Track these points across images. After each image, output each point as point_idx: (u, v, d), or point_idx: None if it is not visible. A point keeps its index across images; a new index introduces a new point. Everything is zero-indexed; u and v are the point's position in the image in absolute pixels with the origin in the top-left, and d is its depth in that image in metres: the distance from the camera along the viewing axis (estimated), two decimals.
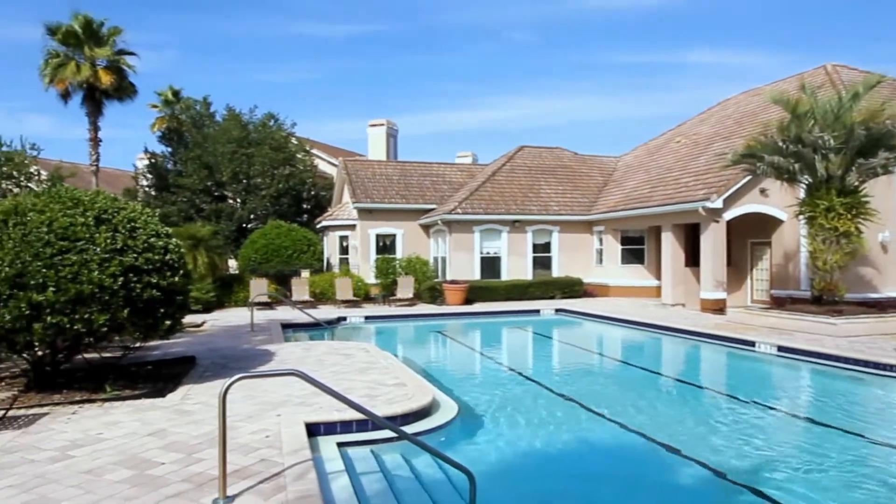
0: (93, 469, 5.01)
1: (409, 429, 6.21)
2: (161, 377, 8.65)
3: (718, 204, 17.32)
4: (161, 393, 7.70)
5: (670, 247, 19.59)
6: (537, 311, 19.79)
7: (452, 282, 21.55)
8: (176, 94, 31.76)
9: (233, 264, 28.34)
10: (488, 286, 22.07)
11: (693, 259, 19.40)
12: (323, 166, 34.67)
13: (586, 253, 24.28)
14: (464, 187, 26.16)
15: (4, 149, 25.48)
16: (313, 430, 6.13)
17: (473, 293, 21.47)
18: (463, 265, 22.78)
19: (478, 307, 20.50)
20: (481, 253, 23.12)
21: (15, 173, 25.20)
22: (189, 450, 5.46)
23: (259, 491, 4.48)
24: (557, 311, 19.74)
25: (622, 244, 23.10)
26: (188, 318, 12.38)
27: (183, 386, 8.14)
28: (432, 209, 25.06)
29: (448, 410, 7.36)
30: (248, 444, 5.60)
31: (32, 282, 6.71)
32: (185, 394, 7.70)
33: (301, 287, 20.70)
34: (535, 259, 23.72)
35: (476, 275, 22.80)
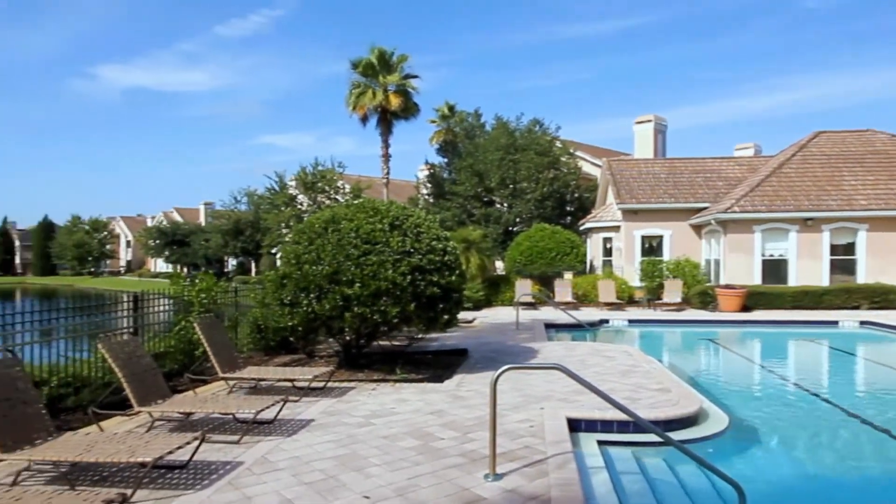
0: (388, 436, 5.97)
1: (673, 436, 5.99)
2: (439, 365, 9.74)
3: None
4: (440, 379, 8.70)
5: None
6: (835, 323, 16.98)
7: (727, 286, 19.73)
8: (451, 108, 35.03)
9: (499, 266, 30.15)
10: (771, 292, 19.66)
11: None
12: (587, 168, 34.72)
13: None
14: (743, 183, 23.72)
15: (320, 168, 31.27)
16: (574, 425, 6.33)
17: (752, 299, 19.36)
18: (740, 268, 20.68)
19: (757, 315, 18.43)
20: (763, 255, 20.71)
21: (327, 188, 30.69)
22: (463, 430, 6.13)
23: (524, 473, 4.85)
24: (862, 323, 16.67)
25: None
26: (461, 315, 13.67)
27: (457, 374, 9.07)
28: (704, 208, 23.27)
29: (717, 422, 6.89)
30: (514, 430, 6.05)
31: (344, 278, 8.21)
32: (459, 381, 8.58)
33: (564, 288, 21.10)
34: (832, 262, 20.38)
35: (756, 279, 20.50)
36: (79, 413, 6.66)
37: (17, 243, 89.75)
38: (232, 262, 58.68)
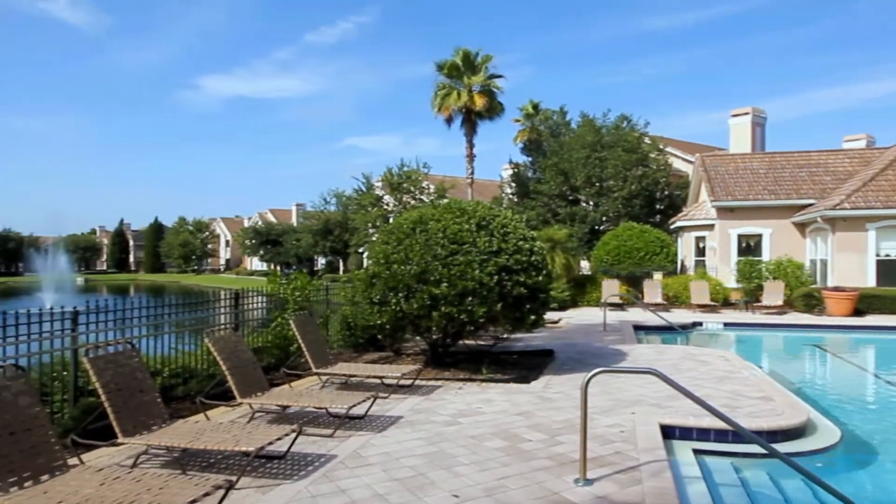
0: (476, 435, 5.99)
1: (778, 448, 5.64)
2: (525, 366, 9.66)
3: None
4: (525, 380, 8.63)
5: None
6: None
7: (836, 288, 18.31)
8: (535, 107, 34.66)
9: (585, 265, 29.52)
10: (886, 295, 18.06)
11: None
12: (678, 164, 33.31)
13: None
14: (854, 177, 21.94)
15: (405, 169, 31.85)
16: (668, 432, 6.09)
17: (864, 302, 17.86)
18: (850, 269, 19.14)
19: (871, 320, 16.97)
20: (878, 255, 19.06)
21: (412, 188, 31.21)
22: (551, 432, 6.05)
23: (615, 480, 4.72)
24: None
25: None
26: (546, 315, 13.50)
27: (544, 376, 8.96)
28: (809, 205, 21.72)
29: (827, 434, 6.41)
30: (604, 435, 5.90)
31: (432, 278, 8.31)
32: (546, 383, 8.48)
33: (653, 289, 20.37)
34: None
35: (869, 281, 18.90)
36: (186, 402, 7.13)
37: (131, 243, 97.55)
38: (321, 261, 60.99)
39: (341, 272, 53.37)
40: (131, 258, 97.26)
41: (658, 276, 22.08)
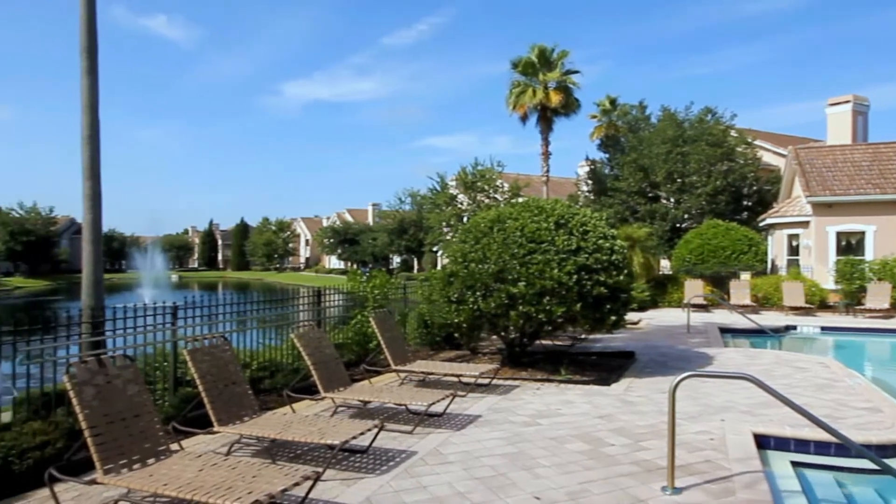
0: (556, 437, 5.89)
1: (890, 463, 5.21)
2: (604, 367, 9.42)
3: None
4: (606, 382, 8.41)
5: None
6: None
7: None
8: (612, 102, 33.74)
9: (665, 265, 28.47)
10: None
11: None
12: (768, 158, 31.49)
13: None
14: None
15: (479, 167, 31.81)
16: (762, 441, 5.76)
17: None
18: None
19: None
20: None
21: (486, 187, 31.13)
22: (635, 437, 5.86)
23: (706, 490, 4.51)
24: None
25: None
26: (626, 316, 13.11)
27: (625, 378, 8.70)
28: None
29: None
30: (691, 442, 5.65)
31: (510, 277, 8.25)
32: (627, 385, 8.23)
33: (740, 290, 19.37)
34: None
35: None
36: (273, 394, 7.41)
37: (219, 242, 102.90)
38: (396, 260, 62.07)
39: (415, 271, 54.11)
40: (220, 256, 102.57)
41: (746, 276, 20.97)
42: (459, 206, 32.26)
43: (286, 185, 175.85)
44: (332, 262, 76.60)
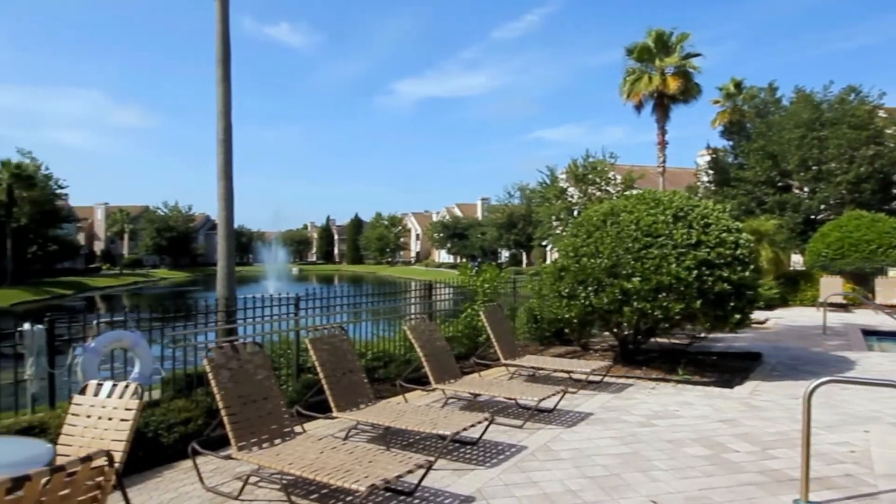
0: (673, 440, 5.62)
1: None
2: (726, 369, 8.85)
3: None
4: (728, 384, 7.90)
5: None
6: None
7: None
8: (738, 85, 31.54)
9: (796, 260, 26.22)
10: None
11: None
12: None
13: None
14: None
15: (590, 159, 30.94)
16: None
17: None
18: None
19: None
20: None
21: (598, 179, 30.22)
22: (762, 444, 5.46)
23: None
24: None
25: None
26: (752, 315, 12.23)
27: (750, 381, 8.13)
28: None
29: None
30: (828, 453, 5.17)
31: (623, 272, 7.97)
32: (753, 389, 7.69)
33: (889, 288, 17.40)
34: None
35: None
36: (386, 384, 7.68)
37: (335, 237, 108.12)
38: (505, 254, 62.05)
39: (524, 265, 53.80)
40: (335, 250, 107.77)
41: (894, 272, 18.82)
42: (570, 199, 31.62)
43: (398, 181, 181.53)
44: (442, 256, 78.01)
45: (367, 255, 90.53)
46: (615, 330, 9.25)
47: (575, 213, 29.58)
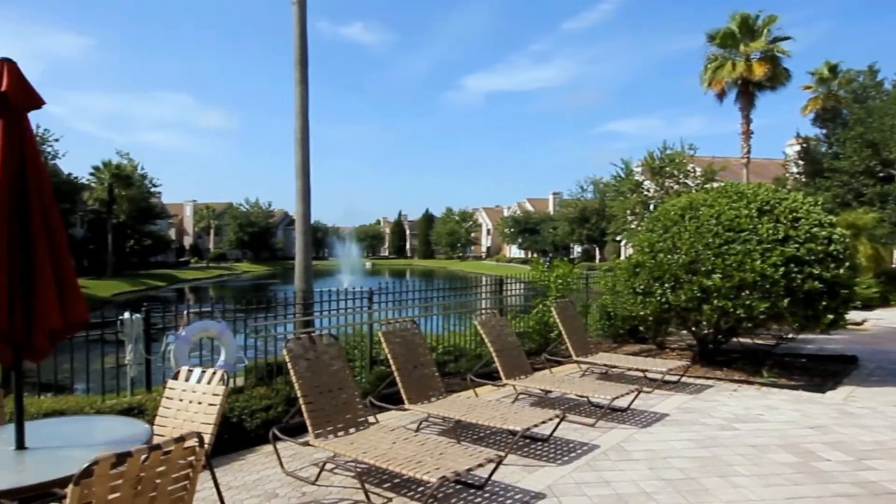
0: (756, 445, 5.36)
1: None
2: (817, 372, 8.34)
3: None
4: (819, 388, 7.45)
5: None
6: None
7: None
8: (832, 69, 29.44)
9: None
10: None
11: None
12: None
13: None
14: None
15: (668, 151, 29.81)
16: None
17: None
18: None
19: None
20: None
21: (675, 172, 29.09)
22: (857, 454, 5.11)
23: None
24: None
25: None
26: (847, 315, 11.45)
27: (844, 386, 7.64)
28: None
29: None
30: None
31: (703, 268, 7.65)
32: (847, 394, 7.21)
33: None
34: None
35: None
36: (456, 378, 7.74)
37: (407, 232, 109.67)
38: (577, 249, 60.95)
39: (597, 260, 52.65)
40: (407, 245, 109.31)
41: None
42: (645, 193, 30.66)
43: (468, 176, 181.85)
44: (513, 251, 77.55)
45: (438, 250, 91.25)
46: (693, 328, 8.90)
47: (651, 207, 28.66)
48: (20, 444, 2.98)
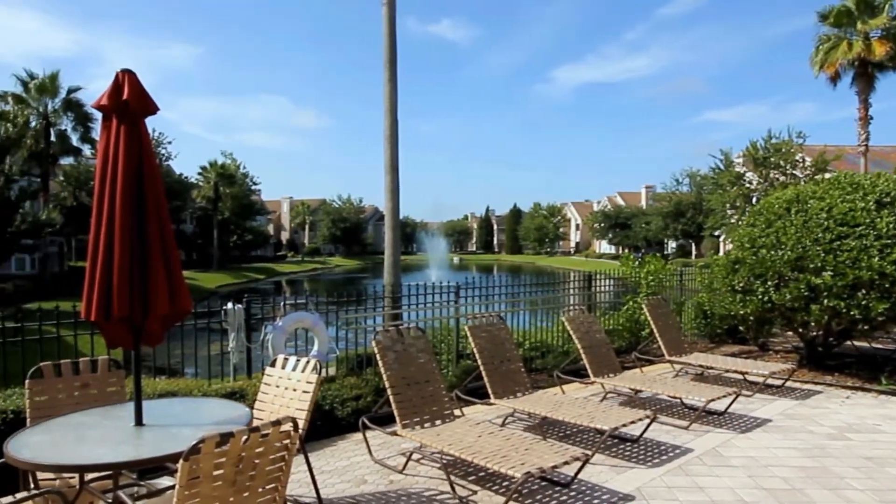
0: (872, 457, 4.94)
1: None
2: None
3: None
4: None
5: None
6: None
7: None
8: None
9: None
10: None
11: None
12: None
13: None
14: None
15: (773, 141, 27.91)
16: None
17: None
18: None
19: None
20: None
21: (782, 162, 27.20)
22: None
23: None
24: None
25: None
26: None
27: None
28: None
29: None
30: None
31: (811, 266, 7.13)
32: None
33: None
34: None
35: None
36: (543, 374, 7.66)
37: (494, 227, 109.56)
38: (671, 245, 58.49)
39: (693, 256, 50.29)
40: (495, 240, 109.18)
41: None
42: (747, 185, 28.95)
43: (558, 170, 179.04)
44: (603, 246, 75.58)
45: (526, 246, 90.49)
46: (800, 330, 8.31)
47: (753, 200, 27.00)
48: (139, 421, 3.26)
